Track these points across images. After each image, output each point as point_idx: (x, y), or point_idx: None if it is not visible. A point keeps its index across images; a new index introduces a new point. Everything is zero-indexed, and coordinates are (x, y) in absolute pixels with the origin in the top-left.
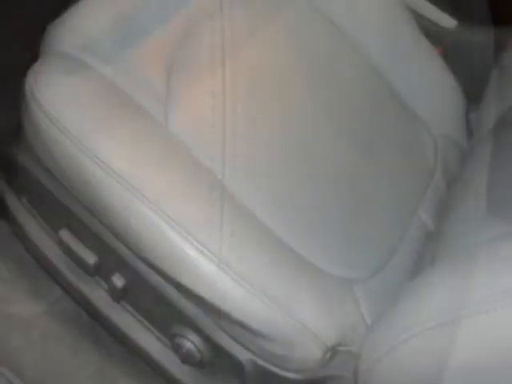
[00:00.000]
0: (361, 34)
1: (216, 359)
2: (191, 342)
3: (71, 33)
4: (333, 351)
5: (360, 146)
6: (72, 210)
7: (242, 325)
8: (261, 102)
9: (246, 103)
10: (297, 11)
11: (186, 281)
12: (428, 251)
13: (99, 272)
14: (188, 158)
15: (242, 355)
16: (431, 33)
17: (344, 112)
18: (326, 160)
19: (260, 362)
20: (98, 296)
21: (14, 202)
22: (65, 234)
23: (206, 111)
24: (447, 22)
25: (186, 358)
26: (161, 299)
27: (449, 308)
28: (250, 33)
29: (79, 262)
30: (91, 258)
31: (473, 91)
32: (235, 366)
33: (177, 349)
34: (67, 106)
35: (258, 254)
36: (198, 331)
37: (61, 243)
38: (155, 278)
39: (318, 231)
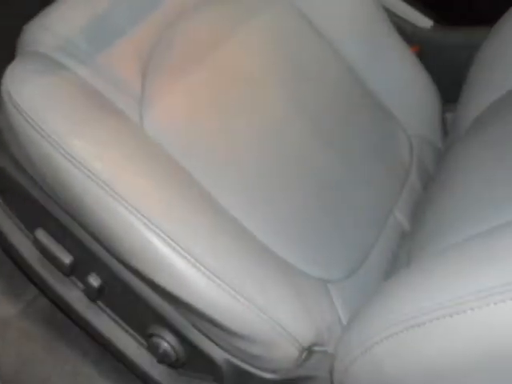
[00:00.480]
0: (337, 33)
1: (192, 359)
2: (167, 342)
3: (47, 33)
4: (309, 351)
5: (336, 146)
6: (48, 210)
7: (217, 324)
8: (236, 102)
9: (220, 103)
10: (274, 10)
11: (161, 280)
12: (403, 251)
13: (75, 272)
14: (163, 158)
15: (218, 355)
16: (407, 33)
17: (320, 112)
18: (301, 160)
19: (236, 361)
20: (74, 296)
21: None
22: (40, 234)
23: (181, 111)
24: (423, 21)
25: (163, 358)
26: (137, 299)
27: (424, 309)
28: (226, 32)
29: (55, 262)
30: (67, 258)
31: (448, 91)
32: (211, 366)
33: (153, 349)
34: (43, 106)
35: (234, 253)
36: (175, 331)
37: (36, 243)
38: (131, 278)
39: (293, 231)
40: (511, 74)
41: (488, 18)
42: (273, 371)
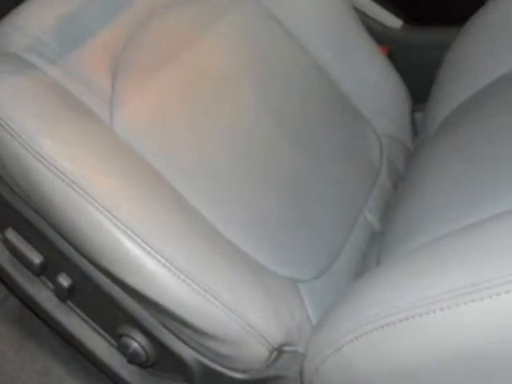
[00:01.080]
0: (306, 33)
1: (162, 359)
2: (137, 342)
3: (17, 32)
4: (279, 351)
5: (305, 146)
6: (18, 210)
7: (187, 324)
8: (206, 102)
9: (190, 103)
10: (243, 10)
11: (131, 280)
12: (373, 251)
13: (45, 272)
14: (133, 158)
15: (188, 355)
16: (377, 33)
17: (289, 111)
18: (271, 160)
19: (206, 361)
20: (44, 296)
21: None
22: (10, 234)
23: (151, 111)
24: (393, 21)
25: (132, 358)
26: (107, 299)
27: (394, 308)
28: (196, 32)
29: (25, 262)
30: (37, 258)
31: (418, 91)
32: (181, 366)
33: (123, 349)
34: (13, 105)
35: (204, 253)
36: (145, 331)
37: (6, 242)
38: (101, 278)
39: (263, 232)
40: (481, 74)
41: (458, 19)
42: (243, 371)
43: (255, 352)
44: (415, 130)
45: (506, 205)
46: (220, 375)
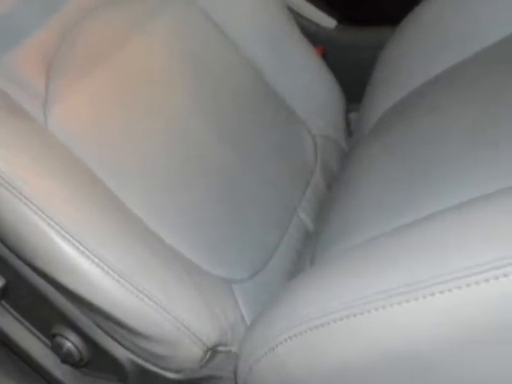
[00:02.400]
0: (240, 33)
1: (96, 359)
2: (71, 342)
3: None
4: (213, 351)
5: (240, 146)
6: None
7: (121, 324)
8: (140, 103)
9: (124, 104)
10: (177, 10)
11: (65, 280)
12: (307, 251)
13: None
14: (68, 159)
15: (122, 355)
16: (311, 33)
17: (223, 111)
18: (205, 160)
19: (139, 361)
20: None
21: None
22: None
23: (85, 112)
24: (327, 21)
25: (66, 358)
26: (41, 299)
27: (328, 309)
28: (129, 33)
29: None
30: None
31: (352, 91)
32: (115, 366)
33: (57, 349)
34: None
35: (138, 253)
36: (78, 331)
37: None
38: (35, 278)
39: (198, 232)
40: (415, 74)
41: (392, 18)
42: (177, 371)
43: (189, 352)
44: (350, 130)
45: (440, 204)
46: (154, 375)
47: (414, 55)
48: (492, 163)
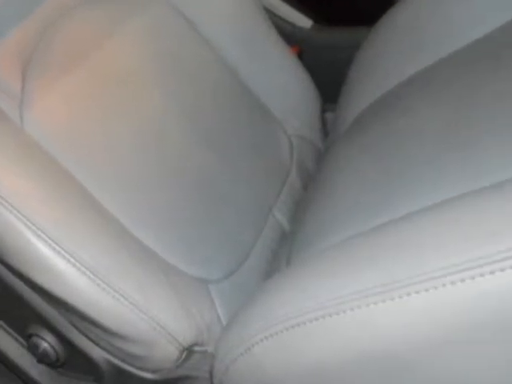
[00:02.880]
0: (217, 32)
1: (72, 359)
2: (47, 342)
3: None
4: (189, 351)
5: (215, 145)
6: None
7: (97, 324)
8: (116, 102)
9: (101, 104)
10: (153, 10)
11: (41, 280)
12: (283, 251)
13: None
14: (44, 159)
15: (98, 355)
16: (287, 33)
17: (199, 111)
18: (181, 159)
19: (115, 361)
20: None
21: None
22: None
23: (61, 112)
24: (303, 21)
25: (42, 358)
26: (17, 299)
27: (304, 309)
28: (106, 32)
29: None
30: None
31: (328, 91)
32: (91, 366)
33: (33, 349)
34: None
35: (114, 253)
36: (54, 331)
37: None
38: (11, 278)
39: (173, 232)
40: (390, 75)
41: (368, 18)
42: (153, 371)
43: (165, 352)
44: (326, 130)
45: (416, 204)
46: (130, 375)
47: (389, 56)
48: (465, 164)
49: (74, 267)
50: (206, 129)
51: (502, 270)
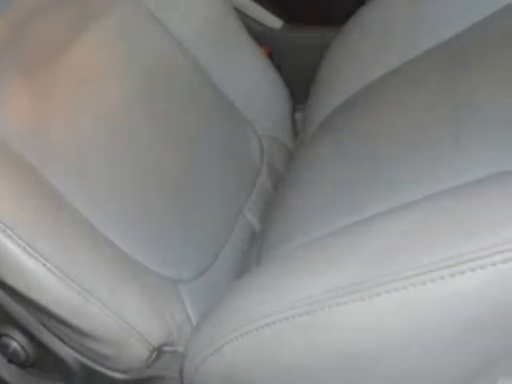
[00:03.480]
0: (187, 33)
1: (42, 358)
2: (17, 342)
3: None
4: (159, 351)
5: (185, 146)
6: None
7: (66, 324)
8: (84, 103)
9: (68, 103)
10: (123, 11)
11: (10, 279)
12: (253, 251)
13: None
14: (14, 159)
15: (68, 355)
16: (257, 33)
17: (169, 111)
18: (152, 160)
19: (86, 361)
20: None
21: None
22: None
23: (30, 112)
24: (273, 22)
25: (12, 358)
26: None
27: (273, 309)
28: (75, 33)
29: None
30: None
31: (299, 91)
32: (61, 366)
33: (2, 348)
34: None
35: (83, 252)
36: (24, 331)
37: None
38: None
39: (144, 231)
40: (359, 75)
41: (338, 19)
42: (123, 371)
43: (135, 352)
44: (296, 130)
45: (385, 205)
46: (100, 375)
47: (359, 56)
48: (434, 164)
49: (44, 266)
50: (176, 129)
51: (473, 270)
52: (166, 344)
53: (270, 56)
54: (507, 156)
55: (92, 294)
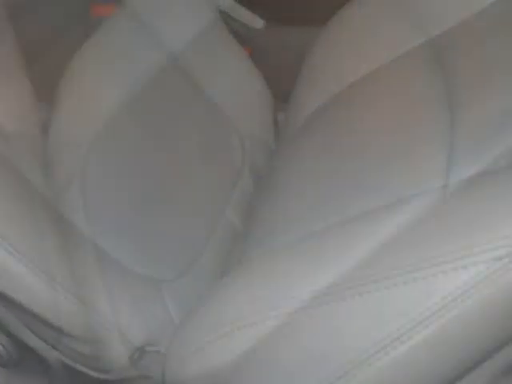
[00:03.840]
0: (169, 33)
1: (24, 359)
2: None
3: None
4: (141, 351)
5: (167, 147)
6: None
7: (49, 324)
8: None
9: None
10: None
11: None
12: (236, 251)
13: None
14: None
15: (51, 355)
16: (239, 33)
17: (152, 112)
18: (134, 161)
19: (67, 361)
20: None
21: None
22: None
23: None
24: (255, 22)
25: None
26: None
27: (256, 309)
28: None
29: None
30: None
31: (281, 91)
32: (44, 366)
33: None
34: None
35: (63, 252)
36: (6, 331)
37: None
38: None
39: (127, 231)
40: (342, 75)
41: (320, 18)
42: (105, 371)
43: (117, 352)
44: (278, 130)
45: (367, 205)
46: (82, 375)
47: (341, 55)
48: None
49: (26, 267)
50: (157, 129)
51: (455, 269)
52: (148, 344)
53: (252, 56)
54: None
55: (73, 295)
